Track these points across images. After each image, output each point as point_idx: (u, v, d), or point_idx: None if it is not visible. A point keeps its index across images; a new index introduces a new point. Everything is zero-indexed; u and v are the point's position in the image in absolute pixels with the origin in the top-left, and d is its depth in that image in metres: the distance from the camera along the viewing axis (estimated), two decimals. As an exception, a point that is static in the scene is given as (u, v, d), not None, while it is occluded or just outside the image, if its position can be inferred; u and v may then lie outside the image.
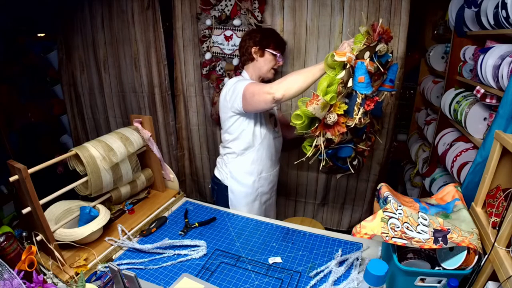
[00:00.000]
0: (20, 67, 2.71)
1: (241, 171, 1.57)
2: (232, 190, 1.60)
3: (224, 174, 1.62)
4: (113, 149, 1.25)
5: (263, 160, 1.59)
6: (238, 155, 1.56)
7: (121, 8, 2.23)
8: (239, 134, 1.51)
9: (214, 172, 1.69)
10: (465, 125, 1.47)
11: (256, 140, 1.53)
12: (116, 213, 1.38)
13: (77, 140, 2.91)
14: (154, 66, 2.27)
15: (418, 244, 0.85)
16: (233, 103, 1.42)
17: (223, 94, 1.50)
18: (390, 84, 1.26)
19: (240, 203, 1.61)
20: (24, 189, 0.98)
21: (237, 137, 1.52)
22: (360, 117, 1.15)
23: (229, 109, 1.46)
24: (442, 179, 1.86)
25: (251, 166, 1.57)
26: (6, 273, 0.82)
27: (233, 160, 1.58)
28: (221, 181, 1.63)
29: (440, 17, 2.12)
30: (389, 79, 1.26)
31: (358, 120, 1.15)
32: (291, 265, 1.11)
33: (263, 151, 1.57)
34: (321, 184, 2.19)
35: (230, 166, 1.59)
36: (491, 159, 0.86)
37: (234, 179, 1.59)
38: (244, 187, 1.59)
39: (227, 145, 1.57)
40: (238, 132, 1.51)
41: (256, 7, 1.85)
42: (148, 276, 1.07)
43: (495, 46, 1.30)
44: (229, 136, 1.55)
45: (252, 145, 1.53)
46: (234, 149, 1.55)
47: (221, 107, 1.53)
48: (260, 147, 1.55)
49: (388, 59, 1.20)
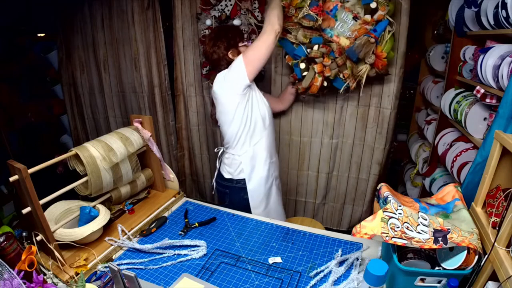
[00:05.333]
0: (20, 67, 2.71)
1: (257, 159, 1.59)
2: (250, 180, 1.59)
3: (237, 170, 1.59)
4: (113, 149, 1.25)
5: (271, 144, 1.64)
6: (251, 145, 1.57)
7: (121, 8, 2.23)
8: (248, 122, 1.53)
9: (222, 175, 1.66)
10: (465, 125, 1.47)
11: (265, 124, 1.58)
12: (116, 213, 1.38)
13: (77, 140, 2.91)
14: (154, 66, 2.27)
15: (418, 244, 0.85)
16: (237, 79, 1.45)
17: (219, 85, 1.51)
18: (373, 32, 1.53)
19: (260, 193, 1.61)
20: (24, 189, 0.98)
21: (246, 125, 1.53)
22: None
23: (233, 92, 1.47)
24: (442, 179, 1.86)
25: (264, 152, 1.59)
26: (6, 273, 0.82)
27: (248, 151, 1.57)
28: (233, 178, 1.61)
29: (440, 17, 2.12)
30: (373, 29, 1.54)
31: None
32: (291, 265, 1.11)
33: (271, 136, 1.62)
34: (321, 183, 2.19)
35: (244, 158, 1.57)
36: (491, 159, 0.86)
37: (251, 169, 1.58)
38: (261, 174, 1.60)
39: (239, 138, 1.56)
40: (246, 120, 1.52)
41: (256, 7, 1.85)
42: (148, 276, 1.07)
43: (495, 46, 1.30)
44: (238, 128, 1.53)
45: (263, 129, 1.58)
46: (246, 139, 1.56)
47: (223, 99, 1.52)
48: (268, 133, 1.60)
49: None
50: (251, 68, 1.43)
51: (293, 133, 2.11)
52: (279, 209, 1.72)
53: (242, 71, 1.43)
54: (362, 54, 1.56)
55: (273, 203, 1.68)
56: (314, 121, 2.04)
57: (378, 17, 1.53)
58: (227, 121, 1.55)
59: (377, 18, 1.53)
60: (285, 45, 1.70)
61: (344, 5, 1.58)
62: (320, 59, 1.62)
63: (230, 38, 1.54)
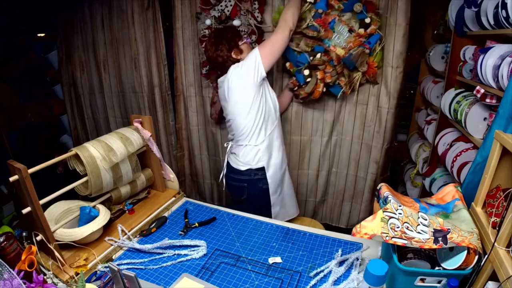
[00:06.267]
0: (20, 67, 2.71)
1: (272, 147, 1.67)
2: (269, 168, 1.66)
3: (255, 159, 1.64)
4: (113, 149, 1.25)
5: (281, 133, 1.75)
6: (266, 135, 1.64)
7: (121, 8, 2.23)
8: (263, 112, 1.60)
9: (236, 169, 1.69)
10: (465, 125, 1.47)
11: (276, 114, 1.68)
12: (116, 213, 1.38)
13: (77, 140, 2.90)
14: (154, 66, 2.27)
15: (418, 244, 0.85)
16: (254, 71, 1.53)
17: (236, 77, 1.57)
18: (367, 44, 1.72)
19: (276, 179, 1.70)
20: (24, 189, 0.98)
21: (262, 115, 1.60)
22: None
23: (251, 83, 1.54)
24: (442, 179, 1.86)
25: (277, 140, 1.69)
26: (6, 273, 0.82)
27: (265, 140, 1.64)
28: (251, 168, 1.65)
29: (440, 17, 2.12)
30: (367, 41, 1.73)
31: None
32: (291, 265, 1.11)
33: (280, 125, 1.73)
34: (321, 181, 2.21)
35: (262, 147, 1.64)
36: (491, 159, 0.86)
37: (268, 157, 1.66)
38: (277, 161, 1.69)
39: (255, 128, 1.61)
40: (263, 110, 1.60)
41: (256, 8, 1.85)
42: (148, 276, 1.08)
43: (495, 46, 1.30)
44: (255, 118, 1.60)
45: (275, 118, 1.68)
46: (262, 129, 1.62)
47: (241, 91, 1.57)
48: (278, 122, 1.71)
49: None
50: (267, 61, 1.54)
51: (293, 132, 2.12)
52: (291, 193, 1.83)
53: (259, 63, 1.52)
54: (359, 63, 1.74)
55: (287, 188, 1.79)
56: (314, 119, 2.06)
57: (371, 31, 1.71)
58: (243, 112, 1.60)
59: (370, 32, 1.71)
60: (288, 52, 1.81)
61: (341, 18, 1.74)
62: (322, 66, 1.75)
63: (230, 39, 1.61)
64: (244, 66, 1.56)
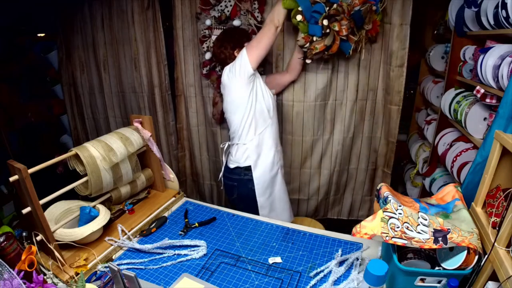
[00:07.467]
0: (20, 67, 2.71)
1: (263, 146, 1.65)
2: (256, 167, 1.65)
3: (243, 157, 1.64)
4: (113, 149, 1.25)
5: (276, 133, 1.71)
6: (256, 134, 1.63)
7: (121, 8, 2.23)
8: (252, 110, 1.60)
9: (228, 167, 1.70)
10: (465, 125, 1.47)
11: (269, 114, 1.66)
12: (116, 213, 1.38)
13: (77, 140, 2.90)
14: (154, 66, 2.27)
15: (418, 244, 0.85)
16: (242, 67, 1.54)
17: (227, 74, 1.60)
18: (373, 1, 1.66)
19: (265, 180, 1.67)
20: (24, 189, 0.98)
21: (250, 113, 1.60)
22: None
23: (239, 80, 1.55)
24: (442, 179, 1.86)
25: (269, 140, 1.67)
26: (6, 273, 0.82)
27: (254, 139, 1.63)
28: (239, 166, 1.65)
29: (440, 17, 2.12)
30: None
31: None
32: (291, 265, 1.11)
33: (275, 126, 1.70)
34: (323, 180, 2.23)
35: (250, 145, 1.63)
36: (491, 159, 0.86)
37: (257, 156, 1.64)
38: (267, 161, 1.66)
39: (243, 126, 1.62)
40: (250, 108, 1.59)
41: (256, 8, 1.84)
42: (148, 276, 1.08)
43: (495, 46, 1.30)
44: (242, 116, 1.60)
45: (268, 118, 1.65)
46: (251, 127, 1.63)
47: (231, 88, 1.60)
48: (273, 122, 1.68)
49: None
50: (253, 56, 1.53)
51: (295, 133, 2.12)
52: (284, 197, 1.77)
53: (245, 59, 1.53)
54: (367, 20, 1.69)
55: (278, 191, 1.73)
56: (315, 119, 2.07)
57: None
58: (232, 109, 1.63)
59: None
60: (302, 2, 1.64)
61: None
62: (340, 16, 1.65)
63: (237, 39, 1.67)
64: (233, 63, 1.59)
